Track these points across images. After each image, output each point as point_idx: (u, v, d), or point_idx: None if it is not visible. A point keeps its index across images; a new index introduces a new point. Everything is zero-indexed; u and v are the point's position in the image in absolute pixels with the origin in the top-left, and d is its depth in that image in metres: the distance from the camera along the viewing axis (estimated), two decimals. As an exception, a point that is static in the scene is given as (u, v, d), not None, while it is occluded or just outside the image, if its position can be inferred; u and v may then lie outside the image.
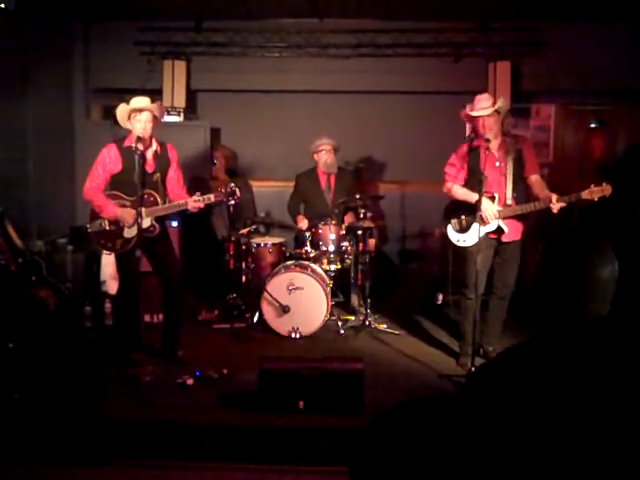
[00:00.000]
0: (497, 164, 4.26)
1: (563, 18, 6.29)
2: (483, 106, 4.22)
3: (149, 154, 4.28)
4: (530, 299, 1.62)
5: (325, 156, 5.87)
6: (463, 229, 4.39)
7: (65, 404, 3.62)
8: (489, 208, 4.17)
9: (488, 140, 4.16)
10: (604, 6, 5.86)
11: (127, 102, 4.24)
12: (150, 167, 4.28)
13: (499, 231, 4.25)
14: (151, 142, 4.30)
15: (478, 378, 1.47)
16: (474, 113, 4.22)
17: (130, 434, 3.42)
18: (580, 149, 6.93)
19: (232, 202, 4.33)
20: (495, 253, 4.36)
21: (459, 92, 6.55)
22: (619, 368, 1.35)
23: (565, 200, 4.11)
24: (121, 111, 4.23)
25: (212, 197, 4.27)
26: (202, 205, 4.28)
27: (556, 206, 4.10)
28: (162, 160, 4.35)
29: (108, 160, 4.26)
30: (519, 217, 4.31)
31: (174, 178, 4.42)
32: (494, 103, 4.24)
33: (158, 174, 4.30)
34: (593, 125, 6.98)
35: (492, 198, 4.20)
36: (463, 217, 4.37)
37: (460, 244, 4.41)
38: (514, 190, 4.27)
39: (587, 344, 1.40)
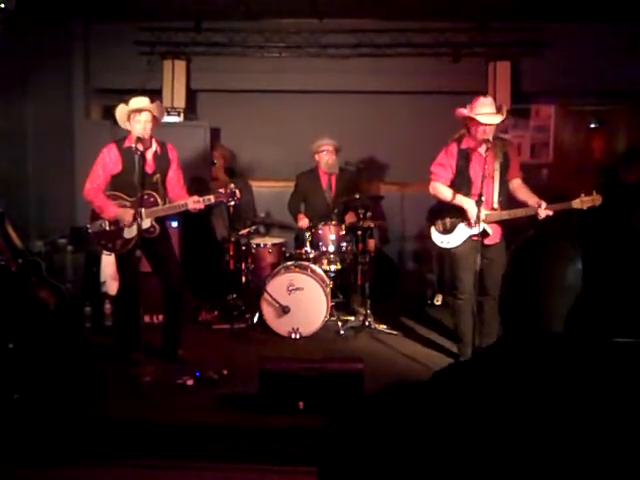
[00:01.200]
0: (485, 166, 4.23)
1: (563, 18, 6.29)
2: (488, 112, 4.16)
3: (149, 155, 4.28)
4: (500, 302, 1.68)
5: (326, 156, 5.85)
6: (447, 231, 4.39)
7: (65, 404, 3.62)
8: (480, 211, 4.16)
9: (488, 141, 4.15)
10: (604, 7, 5.86)
11: (126, 103, 4.24)
12: (150, 168, 4.27)
13: (484, 234, 4.23)
14: (151, 142, 4.30)
15: (444, 376, 1.47)
16: (485, 120, 4.12)
17: (130, 434, 3.42)
18: (580, 149, 6.93)
19: (232, 203, 4.33)
20: (481, 256, 4.35)
21: (459, 92, 6.55)
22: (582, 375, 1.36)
23: (554, 208, 4.11)
24: (120, 112, 4.23)
25: (212, 198, 4.28)
26: (202, 206, 4.28)
27: (542, 213, 4.10)
28: (162, 161, 4.35)
29: (108, 160, 4.26)
30: (500, 220, 4.31)
31: (174, 178, 4.41)
32: (498, 108, 4.20)
33: (158, 175, 4.30)
34: (593, 125, 6.98)
35: (479, 201, 4.18)
36: (447, 219, 4.38)
37: (444, 246, 4.42)
38: (500, 194, 4.27)
39: (550, 351, 1.42)
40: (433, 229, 4.46)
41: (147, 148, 4.26)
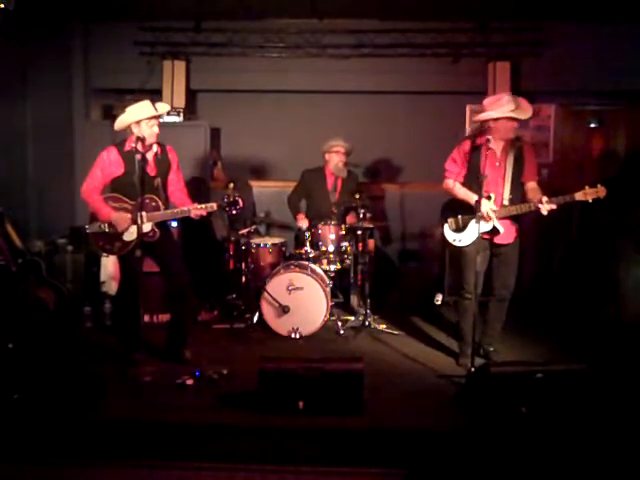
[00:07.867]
0: (497, 164, 4.25)
1: (563, 18, 6.30)
2: (511, 108, 4.12)
3: (150, 157, 4.27)
4: None
5: (337, 158, 5.79)
6: (459, 228, 4.39)
7: (65, 404, 3.61)
8: (485, 207, 4.16)
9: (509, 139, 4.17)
10: (604, 6, 5.87)
11: (128, 105, 4.19)
12: (152, 170, 4.27)
13: (494, 231, 4.23)
14: (151, 145, 4.29)
15: None
16: (521, 116, 4.10)
17: (130, 434, 3.42)
18: (580, 149, 6.94)
19: (234, 212, 4.31)
20: (492, 255, 4.35)
21: (459, 92, 6.56)
22: None
23: (557, 202, 4.09)
24: (139, 112, 4.11)
25: (214, 206, 4.26)
26: (204, 213, 4.27)
27: (546, 207, 4.06)
28: (163, 163, 4.34)
29: (108, 163, 4.24)
30: (513, 220, 4.30)
31: (175, 180, 4.41)
32: (516, 103, 4.18)
33: (159, 178, 4.29)
34: (593, 125, 6.99)
35: (488, 198, 4.19)
36: (460, 216, 4.37)
37: (456, 243, 4.41)
38: (511, 192, 4.24)
39: None
40: (446, 226, 4.45)
41: (147, 150, 4.25)
